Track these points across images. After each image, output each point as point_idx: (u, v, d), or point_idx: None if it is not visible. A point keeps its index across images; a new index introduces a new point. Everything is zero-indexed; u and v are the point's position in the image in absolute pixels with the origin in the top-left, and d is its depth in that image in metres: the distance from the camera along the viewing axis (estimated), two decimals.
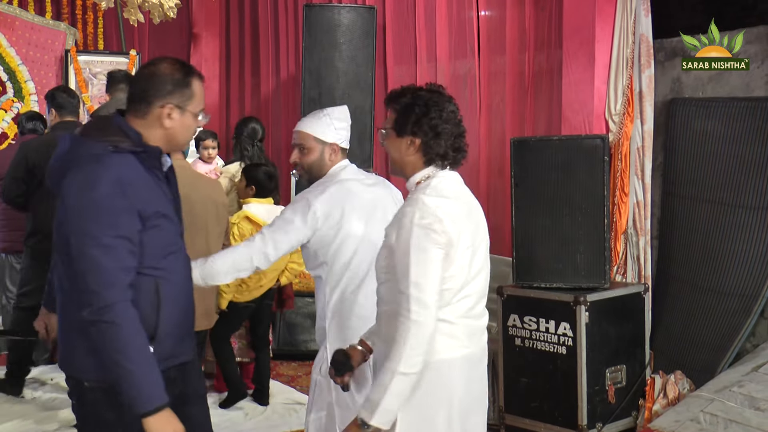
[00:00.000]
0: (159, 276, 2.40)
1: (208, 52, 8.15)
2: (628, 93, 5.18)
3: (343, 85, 6.56)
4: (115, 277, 2.26)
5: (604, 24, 5.21)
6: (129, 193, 2.30)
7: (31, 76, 7.21)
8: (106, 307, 2.23)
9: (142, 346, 2.28)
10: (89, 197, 2.27)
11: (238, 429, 4.82)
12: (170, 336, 2.44)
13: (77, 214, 2.29)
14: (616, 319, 4.58)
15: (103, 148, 2.33)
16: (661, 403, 4.49)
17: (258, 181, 4.94)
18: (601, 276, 4.58)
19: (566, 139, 4.87)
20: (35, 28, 7.24)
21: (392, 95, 2.61)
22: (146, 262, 2.36)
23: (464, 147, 2.59)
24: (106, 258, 2.25)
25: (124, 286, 2.27)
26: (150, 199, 2.37)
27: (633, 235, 5.21)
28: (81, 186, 2.29)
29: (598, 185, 4.56)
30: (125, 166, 2.33)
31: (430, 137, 2.51)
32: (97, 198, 2.26)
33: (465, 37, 6.53)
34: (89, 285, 2.24)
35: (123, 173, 2.31)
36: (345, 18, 6.62)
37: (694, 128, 5.19)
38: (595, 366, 4.45)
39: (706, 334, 4.91)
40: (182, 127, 2.48)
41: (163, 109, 2.42)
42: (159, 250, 2.40)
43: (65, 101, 5.24)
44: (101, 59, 7.29)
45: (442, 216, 2.40)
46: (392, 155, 2.60)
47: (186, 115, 2.47)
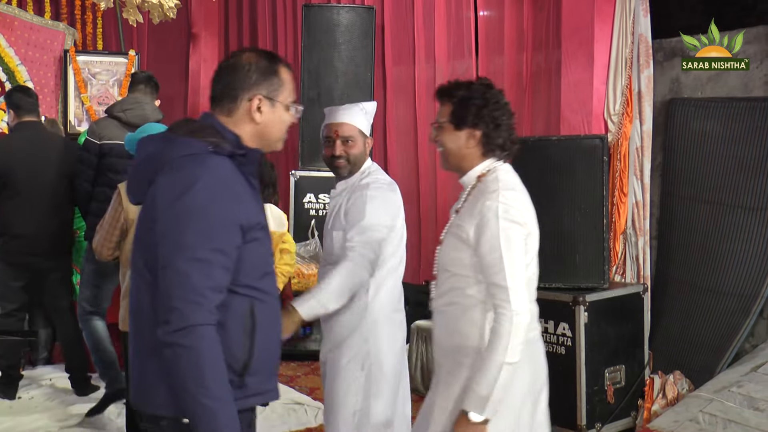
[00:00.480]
0: (255, 297, 2.10)
1: (207, 52, 8.14)
2: (627, 93, 5.18)
3: (342, 85, 6.56)
4: (203, 296, 1.95)
5: (603, 24, 5.20)
6: (231, 200, 2.03)
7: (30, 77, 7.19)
8: (187, 328, 1.93)
9: (222, 379, 1.97)
10: (185, 202, 1.98)
11: None
12: (263, 368, 2.13)
13: (170, 221, 1.99)
14: (615, 320, 4.58)
15: (202, 147, 2.06)
16: (660, 403, 4.49)
17: None
18: (600, 276, 4.58)
19: (565, 139, 4.87)
20: (34, 28, 7.22)
21: (445, 89, 2.64)
22: (242, 280, 2.06)
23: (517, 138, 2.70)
24: (197, 273, 1.95)
25: (211, 308, 1.96)
26: (250, 209, 2.10)
27: (632, 235, 5.20)
28: (176, 189, 2.00)
29: (597, 185, 4.56)
30: (226, 169, 2.06)
31: (490, 128, 2.57)
32: (194, 204, 1.98)
33: (463, 37, 6.52)
34: (172, 301, 1.94)
35: (224, 177, 2.04)
36: (344, 18, 6.62)
37: (692, 128, 5.19)
38: (594, 366, 4.45)
39: (705, 334, 4.91)
40: (274, 122, 2.21)
41: (252, 102, 2.16)
42: (257, 267, 2.11)
43: (22, 101, 5.19)
44: (100, 59, 7.28)
45: (521, 208, 2.50)
46: (449, 148, 2.63)
47: (277, 107, 2.21)
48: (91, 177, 4.83)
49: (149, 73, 5.38)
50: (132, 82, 5.19)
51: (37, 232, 4.97)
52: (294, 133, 7.56)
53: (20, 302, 5.19)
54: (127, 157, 4.44)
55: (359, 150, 3.26)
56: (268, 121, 2.20)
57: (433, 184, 6.78)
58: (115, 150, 4.74)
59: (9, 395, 5.19)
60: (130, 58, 7.33)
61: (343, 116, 3.27)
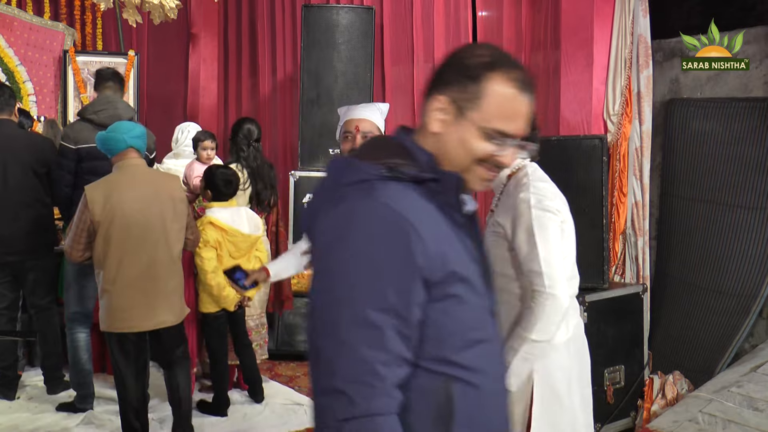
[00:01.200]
0: (454, 375, 1.54)
1: (207, 52, 8.14)
2: (627, 93, 5.18)
3: (342, 86, 6.57)
4: (375, 373, 1.45)
5: (602, 24, 5.21)
6: (410, 242, 1.48)
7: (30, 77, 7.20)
8: (357, 420, 1.45)
9: None
10: (346, 246, 1.50)
11: (237, 429, 4.82)
12: None
13: (327, 270, 1.53)
14: (614, 320, 4.58)
15: (374, 171, 1.56)
16: (659, 403, 4.50)
17: (215, 185, 4.79)
18: (599, 276, 4.58)
19: (565, 139, 4.87)
20: (33, 28, 7.23)
21: None
22: (433, 352, 1.52)
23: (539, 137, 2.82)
24: (364, 341, 1.45)
25: (388, 389, 1.46)
26: (443, 254, 1.51)
27: (631, 235, 5.21)
28: (335, 228, 1.53)
29: (597, 185, 4.56)
30: (405, 199, 1.52)
31: None
32: (357, 247, 1.48)
33: (462, 38, 6.53)
34: (334, 381, 1.47)
35: (402, 210, 1.50)
36: (343, 18, 6.62)
37: (692, 129, 5.19)
38: (593, 366, 4.43)
39: (705, 334, 4.91)
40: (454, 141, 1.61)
41: (433, 103, 1.63)
42: (456, 334, 1.55)
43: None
44: (100, 60, 7.28)
45: (553, 197, 2.59)
46: None
47: (464, 121, 1.60)
48: (70, 182, 4.81)
49: (114, 69, 5.37)
50: (99, 80, 5.16)
51: (12, 231, 4.94)
52: (293, 133, 7.57)
53: (8, 301, 5.17)
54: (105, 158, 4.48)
55: None
56: (446, 135, 1.62)
57: None
58: (93, 153, 4.73)
59: (8, 396, 5.19)
60: (129, 59, 7.33)
61: (363, 113, 3.37)
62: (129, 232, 4.09)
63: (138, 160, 4.23)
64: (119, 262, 4.09)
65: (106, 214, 4.05)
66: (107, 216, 4.06)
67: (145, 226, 4.09)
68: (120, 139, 4.16)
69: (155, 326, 4.15)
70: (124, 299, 4.11)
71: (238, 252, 4.81)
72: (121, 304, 4.12)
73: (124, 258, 4.10)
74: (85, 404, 4.92)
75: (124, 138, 4.15)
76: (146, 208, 4.12)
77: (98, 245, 4.10)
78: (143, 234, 4.09)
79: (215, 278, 4.69)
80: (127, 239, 4.09)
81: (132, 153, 4.20)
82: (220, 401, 5.01)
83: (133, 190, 4.15)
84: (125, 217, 4.08)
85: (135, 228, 4.10)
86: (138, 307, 4.12)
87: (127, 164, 4.21)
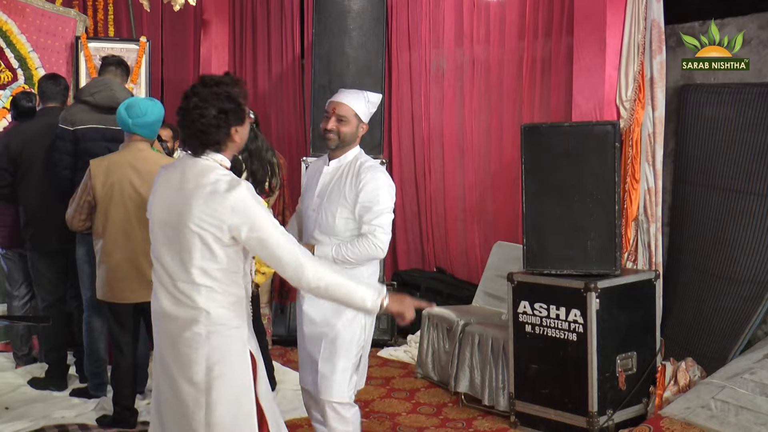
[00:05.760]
0: None
1: (218, 39, 8.12)
2: (639, 79, 5.15)
3: (354, 72, 6.55)
4: None
5: (615, 10, 5.17)
6: None
7: (42, 63, 7.20)
8: None
9: None
10: None
11: None
12: None
13: None
14: (626, 306, 4.58)
15: None
16: (671, 390, 4.49)
17: None
18: (611, 263, 4.57)
19: (577, 125, 4.86)
20: (45, 14, 7.23)
21: None
22: None
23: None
24: None
25: None
26: None
27: (644, 221, 5.19)
28: None
29: (609, 172, 4.55)
30: None
31: None
32: None
33: (473, 23, 6.50)
34: None
35: None
36: (355, 4, 6.60)
37: (705, 114, 5.16)
38: (605, 353, 4.45)
39: (718, 321, 4.90)
40: None
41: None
42: None
43: (47, 88, 5.34)
44: (111, 46, 7.27)
45: None
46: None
47: None
48: (69, 163, 4.85)
49: (120, 57, 5.45)
50: (103, 65, 5.28)
51: (56, 217, 4.99)
52: (304, 119, 7.56)
53: (61, 293, 5.24)
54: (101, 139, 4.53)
55: (350, 130, 3.65)
56: None
57: (441, 170, 6.77)
58: (89, 134, 4.80)
59: (60, 386, 5.22)
60: (141, 45, 7.32)
61: (344, 97, 3.69)
62: (126, 211, 4.35)
63: (143, 144, 4.42)
64: (116, 237, 4.36)
65: (106, 190, 4.34)
66: (107, 193, 4.34)
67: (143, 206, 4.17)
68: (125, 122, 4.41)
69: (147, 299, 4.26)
70: (119, 272, 4.37)
71: None
72: (116, 276, 4.38)
73: (121, 235, 4.36)
74: (99, 391, 4.96)
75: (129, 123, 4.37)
76: (145, 188, 4.24)
77: (98, 219, 4.40)
78: (140, 213, 4.25)
79: None
80: (125, 217, 4.36)
81: (136, 137, 4.39)
82: None
83: (134, 170, 4.37)
84: (123, 196, 4.35)
85: (132, 207, 4.34)
86: (131, 280, 4.36)
87: (132, 146, 4.43)
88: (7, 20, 7.04)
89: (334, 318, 3.56)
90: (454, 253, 6.79)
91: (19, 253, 5.45)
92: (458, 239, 6.75)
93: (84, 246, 4.80)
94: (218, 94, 2.76)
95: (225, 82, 2.81)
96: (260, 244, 2.75)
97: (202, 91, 2.77)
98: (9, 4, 7.04)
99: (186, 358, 2.77)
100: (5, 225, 5.44)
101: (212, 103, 2.75)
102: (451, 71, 6.71)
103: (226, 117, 2.78)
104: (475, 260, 6.56)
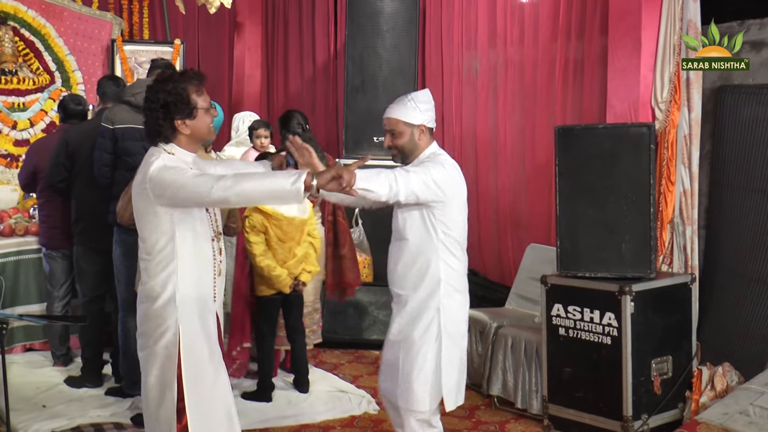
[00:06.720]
0: None
1: (252, 40, 8.19)
2: (675, 80, 5.09)
3: (386, 73, 6.56)
4: None
5: (650, 10, 5.12)
6: None
7: (79, 66, 7.32)
8: None
9: None
10: None
11: (282, 414, 4.87)
12: None
13: None
14: (662, 310, 4.53)
15: None
16: (708, 395, 4.44)
17: None
18: (646, 265, 4.53)
19: (612, 127, 4.82)
20: (82, 18, 7.34)
21: None
22: None
23: None
24: None
25: None
26: None
27: (679, 224, 5.13)
28: None
29: (644, 174, 4.51)
30: None
31: None
32: None
33: (507, 24, 6.48)
34: None
35: None
36: (388, 6, 6.61)
37: (743, 116, 5.09)
38: (640, 357, 4.41)
39: (755, 325, 4.83)
40: None
41: None
42: None
43: (107, 88, 5.45)
44: (146, 48, 7.37)
45: None
46: None
47: None
48: (108, 161, 4.91)
49: (168, 60, 5.51)
50: (151, 67, 5.41)
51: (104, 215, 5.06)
52: (337, 121, 7.58)
53: (101, 291, 5.32)
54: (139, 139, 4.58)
55: (405, 140, 3.56)
56: None
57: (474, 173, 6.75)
58: (128, 133, 4.86)
59: (96, 383, 5.30)
60: (175, 47, 7.41)
61: (389, 111, 3.61)
62: None
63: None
64: None
65: None
66: None
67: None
68: None
69: None
70: None
71: (285, 235, 4.89)
72: None
73: None
74: (134, 390, 5.01)
75: None
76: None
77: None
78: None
79: (264, 260, 4.84)
80: None
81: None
82: (264, 385, 5.07)
83: None
84: None
85: None
86: None
87: None
88: (45, 24, 7.15)
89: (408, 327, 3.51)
90: (487, 255, 6.77)
91: (63, 253, 5.54)
92: (491, 241, 6.73)
93: (121, 246, 4.85)
94: (165, 89, 3.00)
95: (174, 78, 3.04)
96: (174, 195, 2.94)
97: (152, 87, 3.04)
98: (47, 9, 7.15)
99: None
100: (52, 226, 5.54)
101: (158, 97, 2.99)
102: (484, 72, 6.69)
103: (168, 110, 2.99)
104: (508, 262, 6.53)
